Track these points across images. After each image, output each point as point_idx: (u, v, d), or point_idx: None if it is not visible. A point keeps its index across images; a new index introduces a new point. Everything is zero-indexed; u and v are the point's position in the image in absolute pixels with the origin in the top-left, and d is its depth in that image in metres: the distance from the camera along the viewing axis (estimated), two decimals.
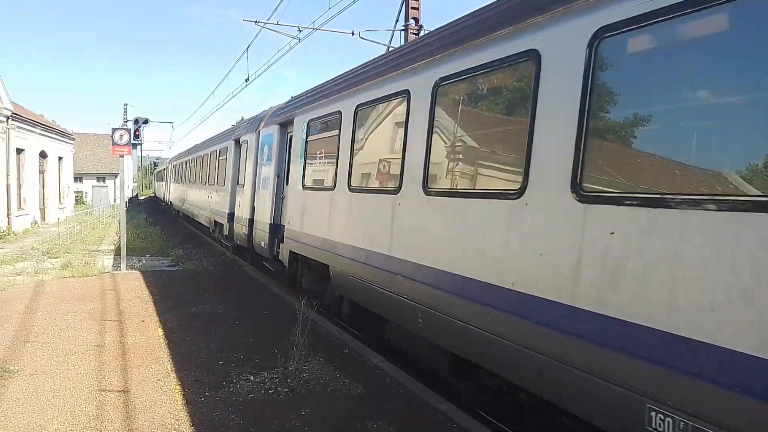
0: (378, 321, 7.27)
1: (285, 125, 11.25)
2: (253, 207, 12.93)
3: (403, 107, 6.30)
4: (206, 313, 9.48)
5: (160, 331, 8.25)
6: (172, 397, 5.79)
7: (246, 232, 13.31)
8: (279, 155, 11.42)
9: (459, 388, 6.21)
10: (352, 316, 8.31)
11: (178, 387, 6.08)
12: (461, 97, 5.49)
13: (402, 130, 6.20)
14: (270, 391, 6.01)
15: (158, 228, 24.55)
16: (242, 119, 23.45)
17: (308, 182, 9.30)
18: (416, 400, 5.88)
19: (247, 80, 19.96)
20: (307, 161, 9.41)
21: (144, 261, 15.77)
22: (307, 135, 9.46)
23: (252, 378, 6.37)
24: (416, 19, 14.88)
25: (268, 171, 11.81)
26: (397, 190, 6.15)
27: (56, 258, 15.77)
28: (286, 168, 11.01)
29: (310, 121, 9.39)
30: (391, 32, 15.08)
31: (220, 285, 12.13)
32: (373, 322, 7.49)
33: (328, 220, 8.12)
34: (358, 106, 7.45)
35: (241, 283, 12.63)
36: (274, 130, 11.68)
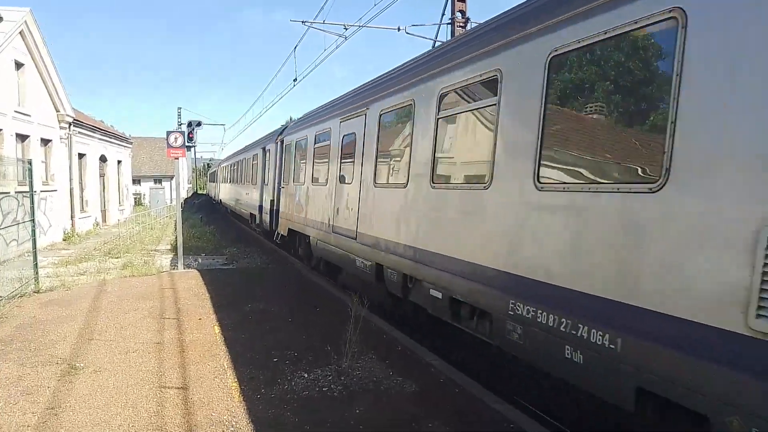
0: None
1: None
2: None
3: None
4: (260, 310, 9.62)
5: (217, 329, 8.42)
6: (228, 394, 5.88)
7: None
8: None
9: (515, 387, 6.05)
10: None
11: (234, 384, 6.17)
12: None
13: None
14: (324, 389, 6.02)
15: (212, 227, 25.22)
16: (291, 119, 23.82)
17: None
18: (471, 399, 5.76)
19: (295, 80, 20.12)
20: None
21: (200, 260, 16.20)
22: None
23: (306, 375, 6.40)
24: (463, 12, 14.62)
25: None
26: None
27: (117, 258, 16.39)
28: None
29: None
30: (437, 26, 14.89)
31: (272, 282, 12.32)
32: None
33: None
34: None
35: (293, 280, 12.78)
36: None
